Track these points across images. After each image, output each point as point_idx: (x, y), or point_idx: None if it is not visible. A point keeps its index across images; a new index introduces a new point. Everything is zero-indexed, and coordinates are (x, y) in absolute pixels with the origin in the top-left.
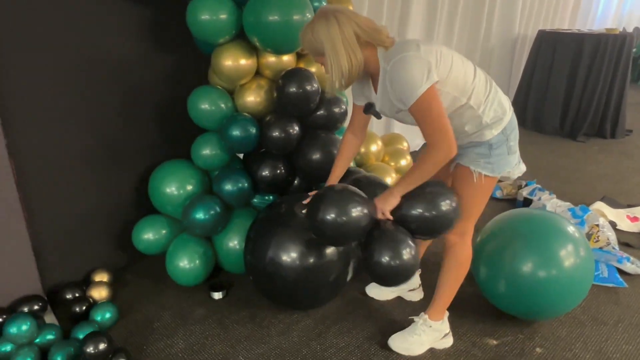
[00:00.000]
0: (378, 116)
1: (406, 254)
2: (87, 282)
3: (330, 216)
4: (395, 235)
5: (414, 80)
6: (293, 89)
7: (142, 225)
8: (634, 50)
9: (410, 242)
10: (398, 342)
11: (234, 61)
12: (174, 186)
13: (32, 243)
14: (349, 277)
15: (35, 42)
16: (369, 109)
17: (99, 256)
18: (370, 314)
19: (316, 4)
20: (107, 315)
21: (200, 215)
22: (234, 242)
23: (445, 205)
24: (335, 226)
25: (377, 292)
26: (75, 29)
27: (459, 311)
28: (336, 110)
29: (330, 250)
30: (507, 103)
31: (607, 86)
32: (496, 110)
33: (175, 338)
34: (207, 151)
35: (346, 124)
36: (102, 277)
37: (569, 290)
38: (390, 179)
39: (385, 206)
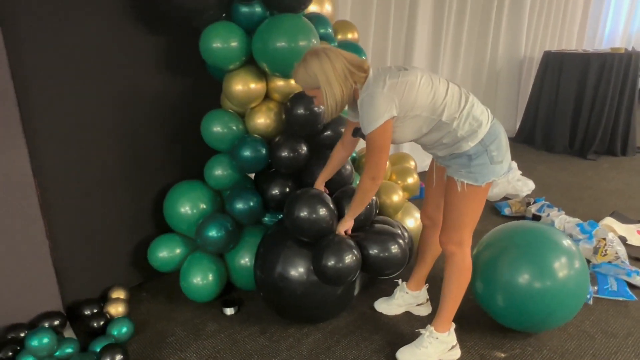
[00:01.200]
0: (357, 135)
1: (348, 258)
2: (104, 299)
3: (303, 213)
4: (341, 244)
5: (373, 116)
6: (301, 111)
7: (158, 243)
8: None
9: (354, 250)
10: (406, 355)
11: (244, 86)
12: (187, 206)
13: (52, 260)
14: (356, 292)
15: (61, 68)
16: (357, 132)
17: (116, 273)
18: (378, 328)
19: (322, 30)
20: (124, 330)
21: (212, 233)
22: (245, 260)
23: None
24: (307, 222)
25: (386, 307)
26: (98, 58)
27: (466, 324)
28: (342, 130)
29: None
30: (483, 116)
31: (615, 104)
32: (471, 123)
33: (188, 352)
34: (219, 172)
35: None
36: (118, 294)
37: (564, 302)
38: (397, 197)
39: (341, 227)
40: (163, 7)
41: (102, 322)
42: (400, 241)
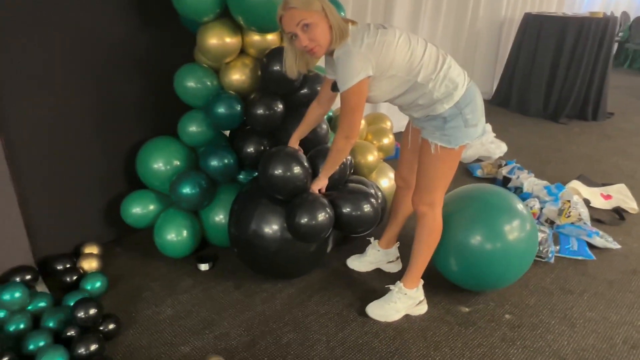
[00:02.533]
0: (336, 90)
1: (321, 216)
2: (77, 254)
3: (278, 171)
4: (314, 202)
5: (348, 75)
6: (277, 67)
7: (131, 199)
8: (621, 34)
9: (327, 208)
10: (375, 309)
11: (219, 39)
12: (161, 162)
13: (23, 216)
14: (329, 249)
15: (26, 20)
16: (335, 87)
17: (89, 229)
18: (350, 284)
19: None
20: (97, 284)
21: (187, 190)
22: (219, 217)
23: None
24: (281, 180)
25: (357, 264)
26: (64, 8)
27: (433, 282)
28: (319, 88)
29: None
30: (459, 78)
31: (589, 69)
32: (447, 85)
33: (163, 306)
34: (193, 128)
35: None
36: (92, 249)
37: (513, 262)
38: (372, 157)
39: (315, 186)
40: None
41: (75, 277)
42: (373, 200)
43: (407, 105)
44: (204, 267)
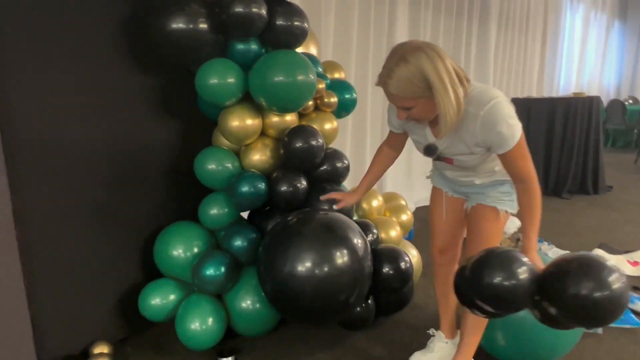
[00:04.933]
0: (433, 155)
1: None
2: (85, 356)
3: (497, 279)
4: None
5: (513, 125)
6: (299, 144)
7: (150, 289)
8: None
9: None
10: None
11: (240, 121)
12: (180, 248)
13: (30, 313)
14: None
15: (51, 108)
16: (432, 151)
17: (99, 327)
18: None
19: (320, 69)
20: None
21: (211, 271)
22: (246, 302)
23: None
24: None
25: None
26: (90, 99)
27: None
28: (339, 165)
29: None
30: None
31: (582, 146)
32: None
33: None
34: (214, 211)
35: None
36: (101, 349)
37: (565, 332)
38: (394, 232)
39: (533, 257)
40: (159, 47)
41: None
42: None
43: (482, 170)
44: None
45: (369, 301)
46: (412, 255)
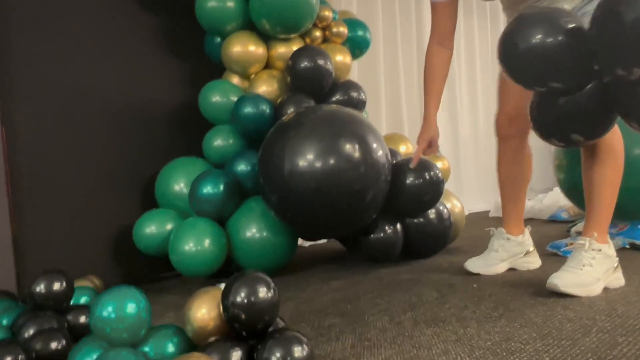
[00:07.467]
0: None
1: None
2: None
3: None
4: None
5: None
6: (305, 64)
7: (145, 218)
8: None
9: None
10: (568, 279)
11: (242, 47)
12: (183, 182)
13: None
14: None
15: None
16: None
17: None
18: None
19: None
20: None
21: (207, 188)
22: (251, 231)
23: None
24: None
25: (483, 264)
26: (86, 40)
27: None
28: (354, 94)
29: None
30: None
31: None
32: None
33: None
34: (219, 141)
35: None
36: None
37: None
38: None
39: None
40: None
41: None
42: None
43: None
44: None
45: (397, 226)
46: (455, 205)
